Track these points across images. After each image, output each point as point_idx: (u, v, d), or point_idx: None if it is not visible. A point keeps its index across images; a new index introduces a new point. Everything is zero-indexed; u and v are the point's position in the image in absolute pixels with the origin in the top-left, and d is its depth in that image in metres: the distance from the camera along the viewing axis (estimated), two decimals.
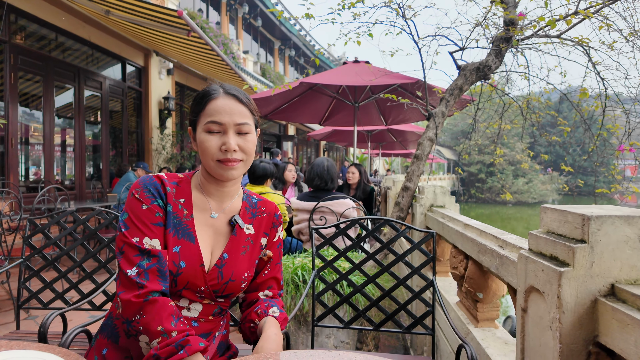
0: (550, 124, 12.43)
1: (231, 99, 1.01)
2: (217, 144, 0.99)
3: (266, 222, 1.13)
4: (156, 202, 0.98)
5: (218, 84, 1.05)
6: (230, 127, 0.99)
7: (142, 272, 0.91)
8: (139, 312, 0.89)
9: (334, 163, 3.18)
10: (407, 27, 3.03)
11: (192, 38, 5.39)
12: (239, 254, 1.05)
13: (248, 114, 1.03)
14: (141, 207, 0.97)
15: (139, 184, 1.00)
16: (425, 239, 1.64)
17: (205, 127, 0.99)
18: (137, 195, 0.98)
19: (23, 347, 0.89)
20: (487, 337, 1.66)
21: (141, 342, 0.90)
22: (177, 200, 1.02)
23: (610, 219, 0.85)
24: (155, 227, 0.96)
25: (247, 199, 1.13)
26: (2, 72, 5.26)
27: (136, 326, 0.89)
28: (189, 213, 1.02)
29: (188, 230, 1.00)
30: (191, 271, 0.97)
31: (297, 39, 18.56)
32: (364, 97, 5.98)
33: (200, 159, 1.03)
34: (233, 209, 1.09)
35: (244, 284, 1.06)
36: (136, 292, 0.89)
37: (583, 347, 0.86)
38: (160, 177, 1.02)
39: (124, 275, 0.91)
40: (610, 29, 2.64)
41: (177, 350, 0.87)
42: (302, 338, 2.34)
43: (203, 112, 1.01)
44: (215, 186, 1.05)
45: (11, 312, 3.08)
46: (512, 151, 27.98)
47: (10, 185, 5.15)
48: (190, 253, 0.98)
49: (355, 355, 0.92)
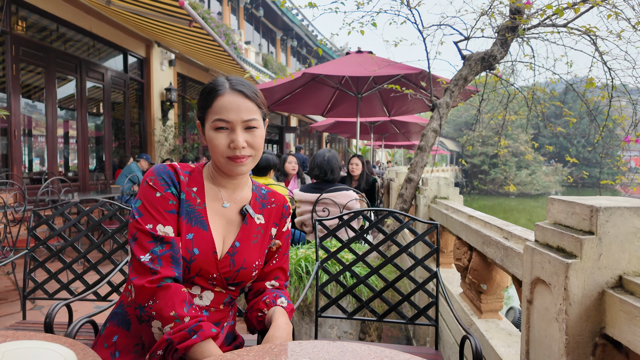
0: (555, 115, 12.33)
1: (238, 95, 1.01)
2: (226, 141, 0.99)
3: (275, 213, 1.15)
4: (170, 189, 0.99)
5: (224, 77, 1.05)
6: (238, 124, 1.00)
7: (155, 258, 0.92)
8: (151, 298, 0.90)
9: (335, 154, 3.16)
10: (411, 16, 2.99)
11: (193, 28, 5.35)
12: (250, 243, 1.06)
13: (255, 108, 1.03)
14: (155, 194, 0.98)
15: (152, 172, 1.00)
16: (429, 230, 1.64)
17: (213, 125, 1.00)
18: (151, 183, 0.99)
19: (29, 337, 0.90)
20: (490, 328, 1.66)
21: (153, 327, 0.91)
22: (190, 189, 1.03)
23: (619, 211, 0.84)
24: (168, 215, 0.97)
25: (256, 190, 1.15)
26: (4, 63, 5.25)
27: (149, 312, 0.90)
28: (202, 202, 1.03)
29: (201, 218, 1.01)
30: (204, 258, 0.98)
31: (299, 29, 18.40)
32: (367, 88, 5.93)
33: (210, 154, 1.04)
34: (244, 199, 1.11)
35: (255, 272, 1.07)
36: (149, 277, 0.90)
37: (590, 338, 0.85)
38: (174, 165, 1.04)
39: (137, 261, 0.92)
40: (619, 18, 2.60)
41: (190, 336, 0.88)
42: (306, 328, 2.35)
43: (210, 109, 1.01)
44: (226, 178, 1.07)
45: (17, 303, 3.12)
46: (516, 142, 27.83)
47: (14, 176, 5.17)
48: (203, 240, 0.99)
49: (358, 345, 0.92)
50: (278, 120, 16.90)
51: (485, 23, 2.96)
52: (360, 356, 0.87)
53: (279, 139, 17.43)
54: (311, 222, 2.98)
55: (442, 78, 4.04)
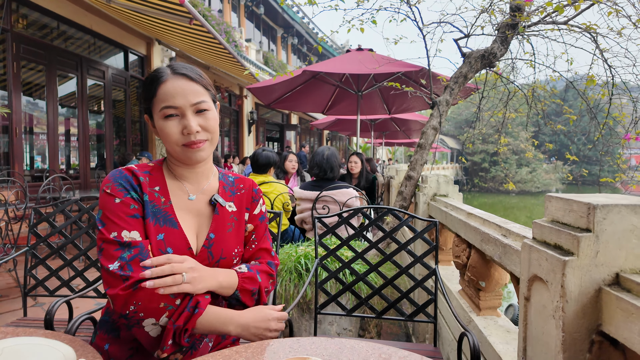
0: (555, 112, 12.30)
1: (182, 78, 0.98)
2: (178, 128, 0.96)
3: (246, 198, 1.12)
4: (129, 194, 0.96)
5: (165, 65, 1.02)
6: (187, 109, 0.96)
7: (124, 264, 0.89)
8: (132, 303, 0.86)
9: (335, 152, 3.16)
10: (411, 13, 2.98)
11: (194, 26, 5.34)
12: (225, 232, 1.04)
13: (203, 90, 1.00)
14: (114, 201, 0.94)
15: (109, 178, 0.97)
16: (428, 227, 1.64)
17: (161, 114, 0.96)
18: (109, 190, 0.95)
19: (29, 333, 0.90)
20: (489, 325, 1.67)
21: (146, 326, 0.88)
22: (152, 189, 1.00)
23: (617, 208, 0.84)
24: (131, 220, 0.93)
25: (223, 177, 1.12)
26: (5, 61, 5.25)
27: (136, 316, 0.87)
28: (167, 200, 1.00)
29: (169, 216, 0.98)
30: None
31: (299, 26, 18.35)
32: (368, 86, 5.93)
33: (165, 145, 1.00)
34: (211, 189, 1.08)
35: (236, 259, 1.06)
36: (122, 285, 0.87)
37: (586, 336, 0.86)
38: (131, 168, 1.00)
39: (106, 271, 0.89)
40: (619, 15, 2.59)
41: (193, 312, 0.89)
42: (305, 325, 2.36)
43: (156, 98, 0.97)
44: (186, 169, 1.04)
45: (18, 299, 3.13)
46: (516, 140, 27.78)
47: (15, 174, 5.18)
48: (175, 238, 0.97)
49: (357, 342, 0.93)
50: (279, 118, 16.89)
51: (485, 20, 2.95)
52: (358, 353, 0.87)
53: (279, 136, 17.43)
54: (311, 220, 2.98)
55: (442, 76, 4.03)
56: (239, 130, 12.96)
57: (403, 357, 0.87)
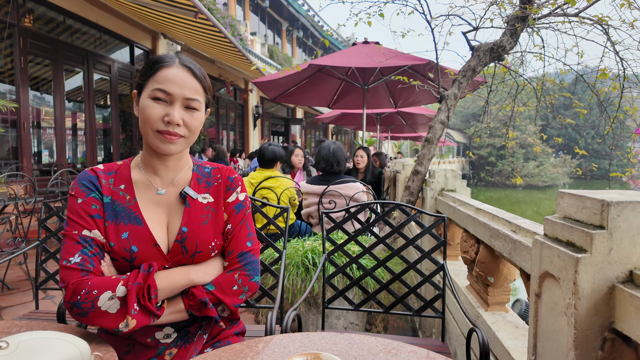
0: (564, 106, 12.21)
1: (185, 70, 0.98)
2: (161, 113, 0.95)
3: (223, 187, 1.09)
4: (92, 194, 0.97)
5: (174, 54, 1.01)
6: (178, 99, 0.96)
7: (87, 258, 0.90)
8: (84, 287, 0.87)
9: (341, 146, 3.15)
10: (419, 6, 2.94)
11: (199, 20, 5.32)
12: (199, 225, 1.02)
13: (201, 90, 1.00)
14: (76, 201, 0.95)
15: (75, 180, 0.99)
16: (436, 223, 1.63)
17: (151, 93, 0.95)
18: (73, 192, 0.97)
19: (43, 327, 0.92)
20: (497, 321, 1.66)
21: (103, 305, 0.87)
22: (117, 188, 1.00)
23: (631, 205, 0.83)
24: (92, 219, 0.94)
25: (198, 169, 1.09)
26: (13, 56, 5.28)
27: (90, 296, 0.86)
28: (132, 197, 1.00)
29: (133, 214, 0.98)
30: (145, 253, 0.96)
31: (305, 19, 18.24)
32: (374, 79, 5.89)
33: (140, 127, 0.98)
34: (182, 181, 1.06)
35: (214, 252, 1.03)
36: (80, 275, 0.89)
37: (598, 333, 0.85)
38: (95, 169, 1.00)
39: (64, 266, 0.89)
40: (632, 7, 2.54)
41: (149, 269, 0.93)
42: (313, 319, 2.37)
43: (152, 78, 0.96)
44: (158, 161, 1.02)
45: (30, 292, 3.17)
46: (524, 134, 27.55)
47: (24, 168, 5.23)
48: (139, 236, 0.96)
49: (366, 337, 0.93)
50: (284, 112, 16.86)
51: (494, 13, 2.91)
52: (367, 347, 0.88)
53: (284, 130, 17.41)
54: (318, 214, 2.99)
55: (450, 69, 3.99)
56: (244, 124, 12.96)
57: (412, 351, 0.87)
